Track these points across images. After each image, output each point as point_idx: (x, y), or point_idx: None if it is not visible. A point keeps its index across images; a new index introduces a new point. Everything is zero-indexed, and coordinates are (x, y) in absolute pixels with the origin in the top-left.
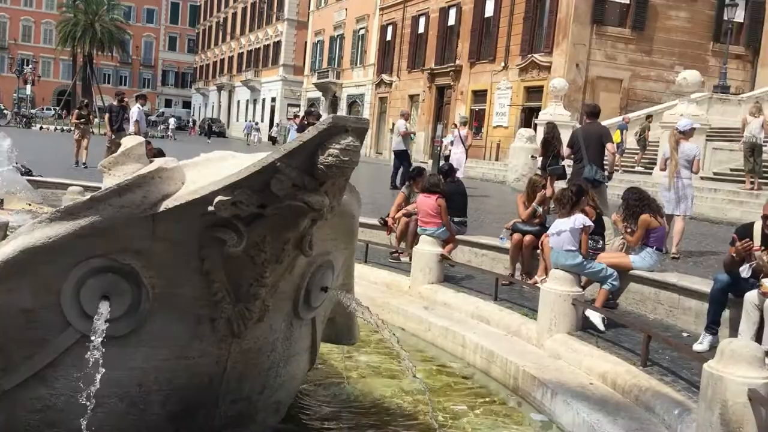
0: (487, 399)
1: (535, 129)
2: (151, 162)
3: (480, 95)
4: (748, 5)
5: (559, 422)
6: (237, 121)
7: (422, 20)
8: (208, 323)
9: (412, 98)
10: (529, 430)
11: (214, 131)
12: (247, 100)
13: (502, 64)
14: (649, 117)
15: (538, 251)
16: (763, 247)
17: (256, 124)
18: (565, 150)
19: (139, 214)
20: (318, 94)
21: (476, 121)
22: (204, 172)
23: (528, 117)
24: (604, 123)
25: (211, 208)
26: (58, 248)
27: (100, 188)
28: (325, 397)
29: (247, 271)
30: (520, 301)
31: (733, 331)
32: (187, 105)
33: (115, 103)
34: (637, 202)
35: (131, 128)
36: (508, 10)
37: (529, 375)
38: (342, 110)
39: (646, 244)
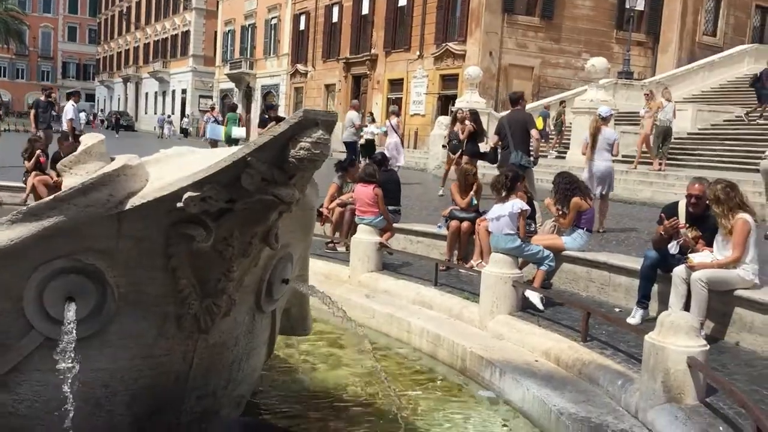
0: (437, 381)
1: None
2: (112, 160)
3: (396, 84)
4: None
5: (508, 399)
6: (146, 114)
7: (336, 9)
8: (175, 320)
9: (328, 88)
10: (480, 407)
11: (122, 125)
12: (156, 92)
13: (418, 52)
14: (562, 102)
15: (474, 236)
16: (687, 225)
17: (169, 117)
18: (493, 137)
19: (105, 213)
20: (231, 84)
21: (394, 108)
22: (166, 169)
23: (444, 105)
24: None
25: (180, 205)
26: (19, 251)
27: (12, 186)
28: (279, 387)
29: (215, 266)
30: (458, 285)
31: (662, 305)
32: (90, 98)
33: (42, 98)
34: (568, 186)
35: (64, 126)
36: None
37: (477, 356)
38: (257, 101)
39: (577, 226)
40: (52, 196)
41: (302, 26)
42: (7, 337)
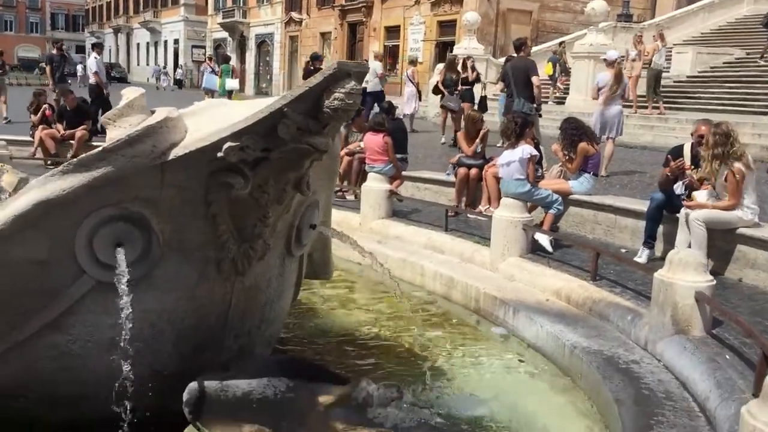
0: (452, 321)
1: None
2: (152, 113)
3: (393, 31)
4: None
5: (522, 336)
6: (138, 65)
7: None
8: (214, 264)
9: (324, 36)
10: (496, 345)
11: (114, 77)
12: (148, 43)
13: None
14: (561, 43)
15: (482, 183)
16: (692, 166)
17: (164, 67)
18: (498, 84)
19: (149, 163)
20: (224, 34)
21: (390, 57)
22: (202, 121)
23: (442, 52)
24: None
25: (220, 154)
26: (71, 200)
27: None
28: (302, 328)
29: (252, 212)
30: (467, 230)
31: (668, 245)
32: (81, 50)
33: (55, 52)
34: (575, 131)
35: (92, 79)
36: None
37: (490, 296)
38: (251, 50)
39: (583, 170)
40: (101, 148)
41: None
42: (60, 282)
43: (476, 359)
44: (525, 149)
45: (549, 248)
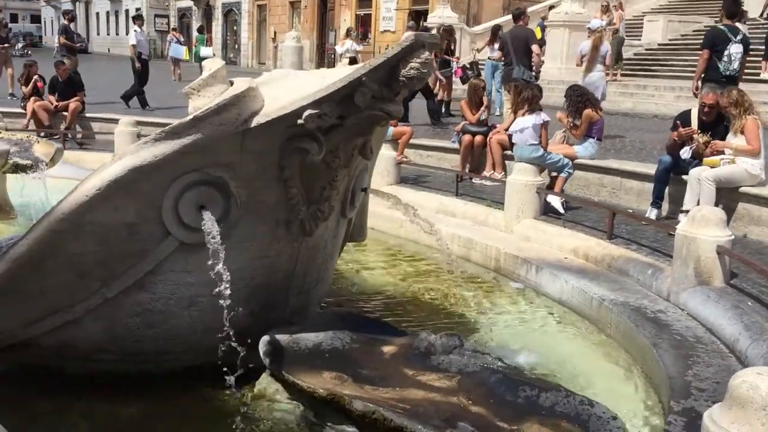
0: (476, 280)
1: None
2: (231, 83)
3: (365, 0)
4: None
5: (546, 291)
6: (98, 35)
7: None
8: (284, 225)
9: (293, 5)
10: (521, 298)
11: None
12: (108, 12)
13: None
14: (551, 7)
15: (486, 149)
16: (699, 131)
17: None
18: (497, 53)
19: (234, 130)
20: (189, 3)
21: (362, 26)
22: (276, 90)
23: (416, 20)
24: (491, 23)
25: (300, 121)
26: (161, 166)
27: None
28: (340, 288)
29: (322, 176)
30: (475, 194)
31: (672, 205)
32: (36, 20)
33: (66, 22)
34: (579, 98)
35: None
36: None
37: (511, 255)
38: (217, 20)
39: (588, 135)
40: (191, 116)
41: None
42: (147, 243)
43: (508, 312)
44: (538, 116)
45: (561, 210)
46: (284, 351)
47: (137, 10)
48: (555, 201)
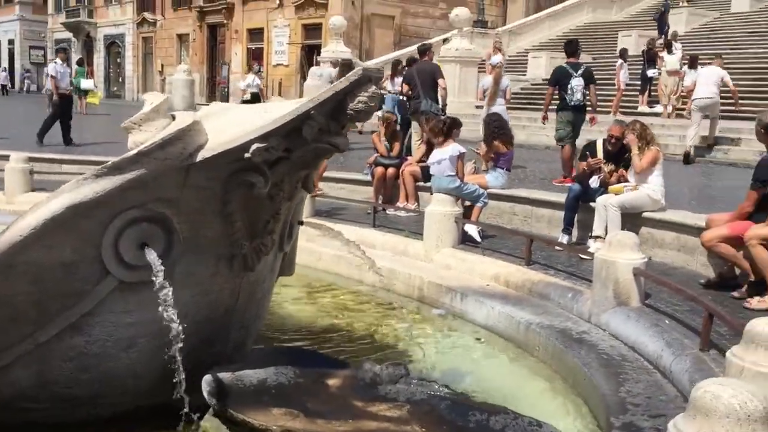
0: (402, 309)
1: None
2: (172, 117)
3: (256, 33)
4: None
5: (472, 318)
6: None
7: None
8: (227, 260)
9: (182, 38)
10: (449, 325)
11: None
12: None
13: (278, 1)
14: None
15: (398, 181)
16: (605, 161)
17: (27, 71)
18: (404, 87)
19: (178, 165)
20: (68, 34)
21: (254, 60)
22: (219, 123)
23: (309, 55)
24: (380, 60)
25: (247, 155)
26: (101, 202)
27: None
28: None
29: (265, 209)
30: (391, 225)
31: (581, 231)
32: None
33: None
34: (496, 129)
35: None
36: None
37: (435, 284)
38: (99, 52)
39: (497, 166)
40: (135, 151)
41: None
42: (84, 283)
43: (438, 340)
44: (455, 147)
45: (478, 238)
46: (228, 389)
47: (10, 42)
48: (472, 230)
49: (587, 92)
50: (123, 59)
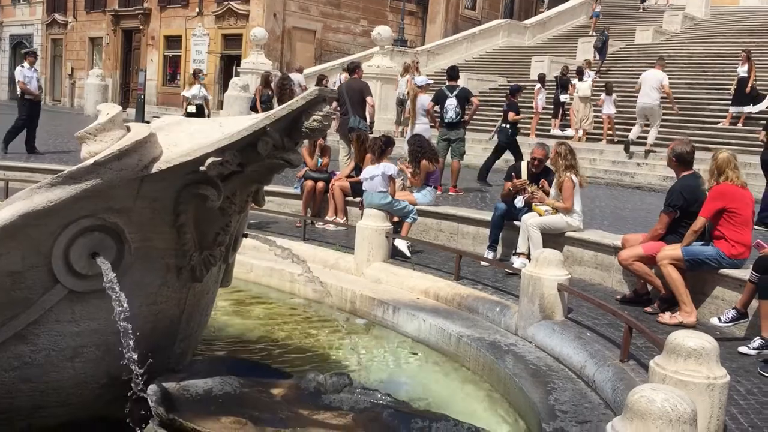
0: (334, 321)
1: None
2: (127, 128)
3: (174, 41)
4: None
5: (404, 331)
6: None
7: None
8: (175, 271)
9: (94, 41)
10: (382, 337)
11: None
12: None
13: (197, 9)
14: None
15: (328, 195)
16: (529, 182)
17: None
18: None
19: (133, 176)
20: None
21: (171, 67)
22: (173, 136)
23: (228, 65)
24: (302, 73)
25: (202, 168)
26: (54, 211)
27: None
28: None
29: (216, 222)
30: (319, 239)
31: (505, 248)
32: None
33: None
34: (419, 148)
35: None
36: None
37: (367, 297)
38: (5, 52)
39: (426, 184)
40: (92, 161)
41: None
42: (32, 292)
43: (370, 351)
44: (388, 166)
45: (408, 253)
46: (175, 398)
47: None
48: (402, 245)
49: (459, 110)
50: None
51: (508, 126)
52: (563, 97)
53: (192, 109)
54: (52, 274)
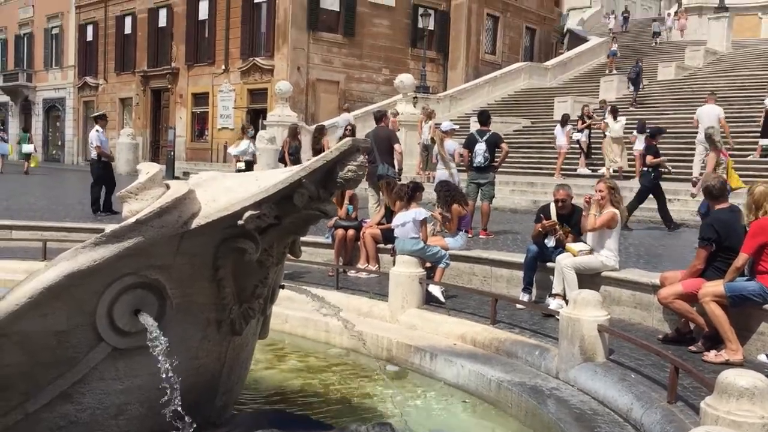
0: (372, 370)
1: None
2: (167, 186)
3: (201, 98)
4: (437, 15)
5: (442, 377)
6: None
7: (128, 20)
8: (215, 325)
9: (124, 102)
10: (414, 382)
11: None
12: None
13: (223, 67)
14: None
15: (359, 243)
16: (558, 223)
17: None
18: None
19: (173, 232)
20: (5, 98)
21: (198, 123)
22: (211, 192)
23: (254, 119)
24: (326, 122)
25: (240, 222)
26: (98, 270)
27: None
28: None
29: (254, 274)
30: (352, 287)
31: (540, 290)
32: None
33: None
34: (448, 193)
35: (93, 153)
36: (223, 14)
37: (404, 344)
38: (38, 116)
39: (458, 228)
40: (134, 219)
41: (90, 37)
42: (77, 350)
43: (412, 399)
44: (419, 211)
45: (442, 299)
46: None
47: None
48: (436, 290)
49: (488, 155)
50: (63, 123)
51: (650, 169)
52: (576, 136)
53: (241, 165)
54: (97, 333)
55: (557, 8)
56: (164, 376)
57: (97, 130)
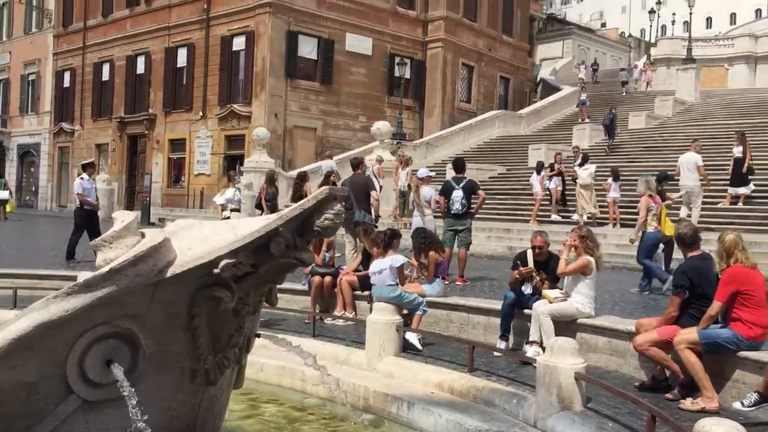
0: (349, 420)
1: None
2: (142, 234)
3: (178, 144)
4: (413, 64)
5: (420, 427)
6: None
7: (106, 67)
8: (189, 375)
9: (100, 147)
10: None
11: None
12: None
13: (201, 113)
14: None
15: (336, 290)
16: (535, 269)
17: None
18: None
19: (148, 281)
20: None
21: (175, 169)
22: (186, 240)
23: (231, 165)
24: (302, 169)
25: (216, 270)
26: (69, 320)
27: None
28: None
29: (230, 323)
30: (329, 334)
31: (517, 337)
32: None
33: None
34: (423, 240)
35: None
36: (202, 61)
37: (381, 393)
38: (12, 161)
39: (435, 275)
40: (107, 268)
41: (67, 83)
42: (47, 402)
43: None
44: (396, 258)
45: (419, 346)
46: None
47: None
48: (413, 338)
49: (465, 202)
50: (37, 168)
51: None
52: (548, 183)
53: (227, 214)
54: (67, 384)
55: (530, 58)
56: (135, 426)
57: (81, 178)
